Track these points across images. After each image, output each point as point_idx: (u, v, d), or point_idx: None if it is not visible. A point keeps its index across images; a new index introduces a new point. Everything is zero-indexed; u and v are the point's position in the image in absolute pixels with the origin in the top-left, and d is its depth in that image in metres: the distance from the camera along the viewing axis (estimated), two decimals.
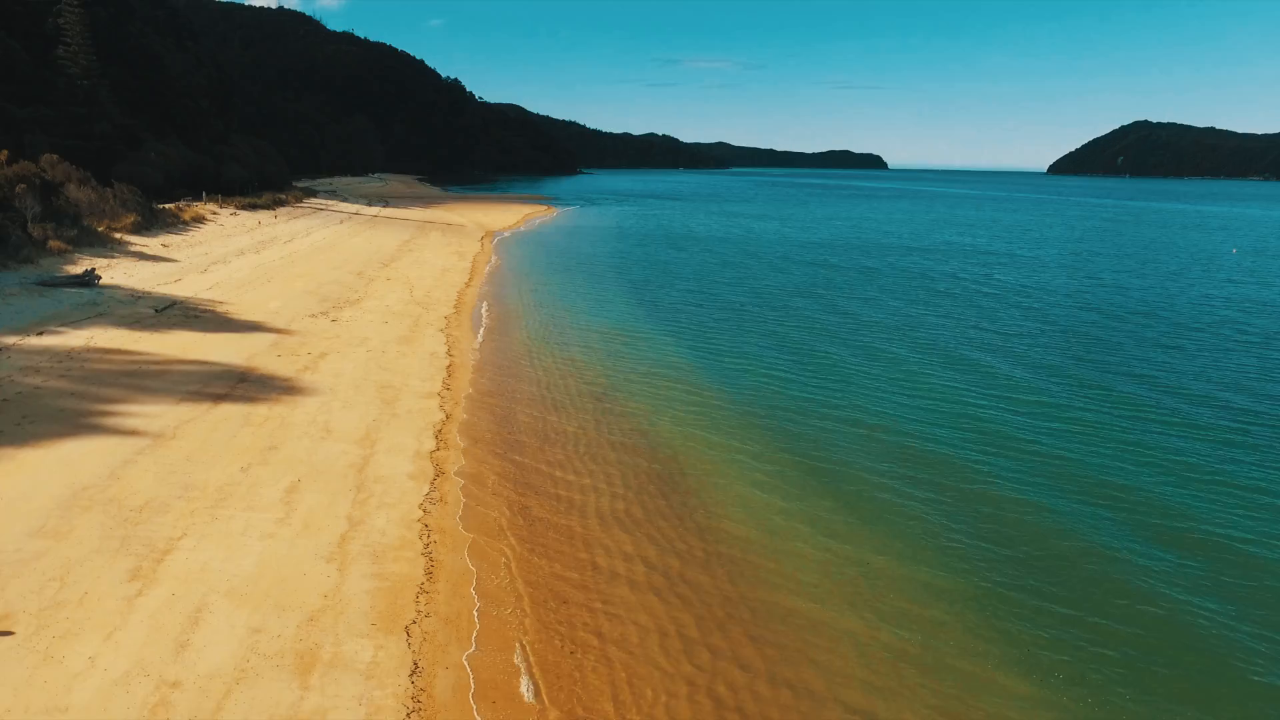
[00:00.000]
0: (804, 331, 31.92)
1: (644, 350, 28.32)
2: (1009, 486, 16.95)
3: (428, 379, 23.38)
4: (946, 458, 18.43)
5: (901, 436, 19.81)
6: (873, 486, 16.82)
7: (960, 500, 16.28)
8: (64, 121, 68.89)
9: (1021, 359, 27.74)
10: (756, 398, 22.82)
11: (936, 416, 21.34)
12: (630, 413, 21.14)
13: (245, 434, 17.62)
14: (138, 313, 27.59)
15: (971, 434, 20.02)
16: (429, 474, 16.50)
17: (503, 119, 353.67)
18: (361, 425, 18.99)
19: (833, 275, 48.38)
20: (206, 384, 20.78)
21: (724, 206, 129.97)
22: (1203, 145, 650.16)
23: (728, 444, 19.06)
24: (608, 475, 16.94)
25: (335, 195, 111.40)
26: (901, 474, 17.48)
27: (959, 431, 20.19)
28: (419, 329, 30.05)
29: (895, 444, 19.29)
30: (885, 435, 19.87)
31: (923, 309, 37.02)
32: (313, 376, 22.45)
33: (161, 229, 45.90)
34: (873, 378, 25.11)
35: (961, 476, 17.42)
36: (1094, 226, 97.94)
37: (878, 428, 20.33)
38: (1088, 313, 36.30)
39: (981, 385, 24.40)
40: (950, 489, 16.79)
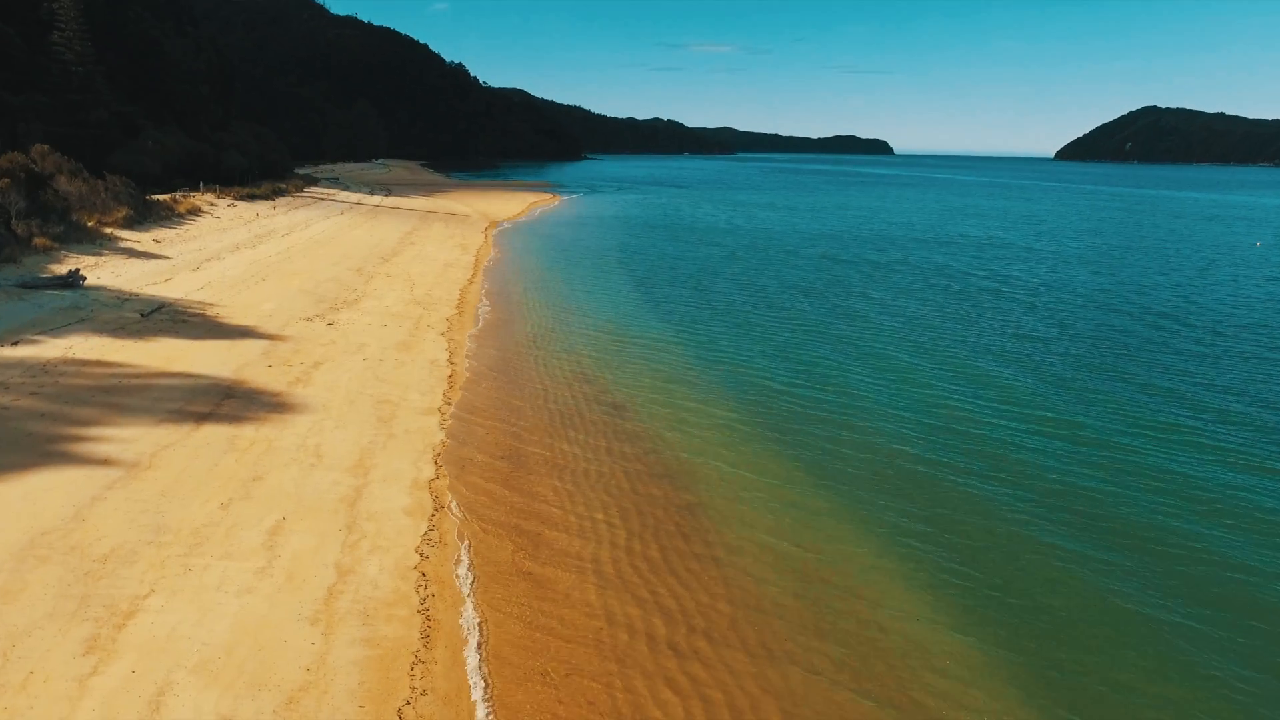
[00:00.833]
0: (822, 339, 30.43)
1: (655, 357, 26.85)
2: (1045, 528, 15.51)
3: (427, 391, 21.97)
4: (995, 497, 16.99)
5: (941, 469, 18.34)
6: (920, 536, 15.38)
7: (1007, 552, 14.84)
8: (60, 109, 67.39)
9: (1052, 374, 26.20)
10: (776, 416, 21.35)
11: (975, 444, 19.88)
12: (644, 434, 19.69)
13: (228, 461, 16.21)
14: (122, 317, 26.16)
15: (1015, 469, 18.57)
16: (427, 508, 15.10)
17: (507, 104, 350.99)
18: (355, 449, 17.58)
19: (847, 271, 46.82)
20: (190, 401, 19.37)
21: (731, 195, 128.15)
22: (1211, 131, 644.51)
23: (751, 475, 17.62)
24: (622, 511, 15.49)
25: (337, 183, 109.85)
26: (946, 515, 16.03)
27: (1005, 464, 18.74)
28: (419, 332, 28.63)
29: (936, 480, 17.84)
30: (927, 469, 18.40)
31: (946, 311, 35.49)
32: (305, 390, 21.04)
33: (155, 222, 44.45)
34: (902, 400, 23.57)
35: (1009, 521, 15.98)
36: (1110, 217, 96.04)
37: (917, 459, 18.86)
38: (1117, 316, 34.69)
39: (1017, 407, 22.91)
40: (1000, 535, 15.36)
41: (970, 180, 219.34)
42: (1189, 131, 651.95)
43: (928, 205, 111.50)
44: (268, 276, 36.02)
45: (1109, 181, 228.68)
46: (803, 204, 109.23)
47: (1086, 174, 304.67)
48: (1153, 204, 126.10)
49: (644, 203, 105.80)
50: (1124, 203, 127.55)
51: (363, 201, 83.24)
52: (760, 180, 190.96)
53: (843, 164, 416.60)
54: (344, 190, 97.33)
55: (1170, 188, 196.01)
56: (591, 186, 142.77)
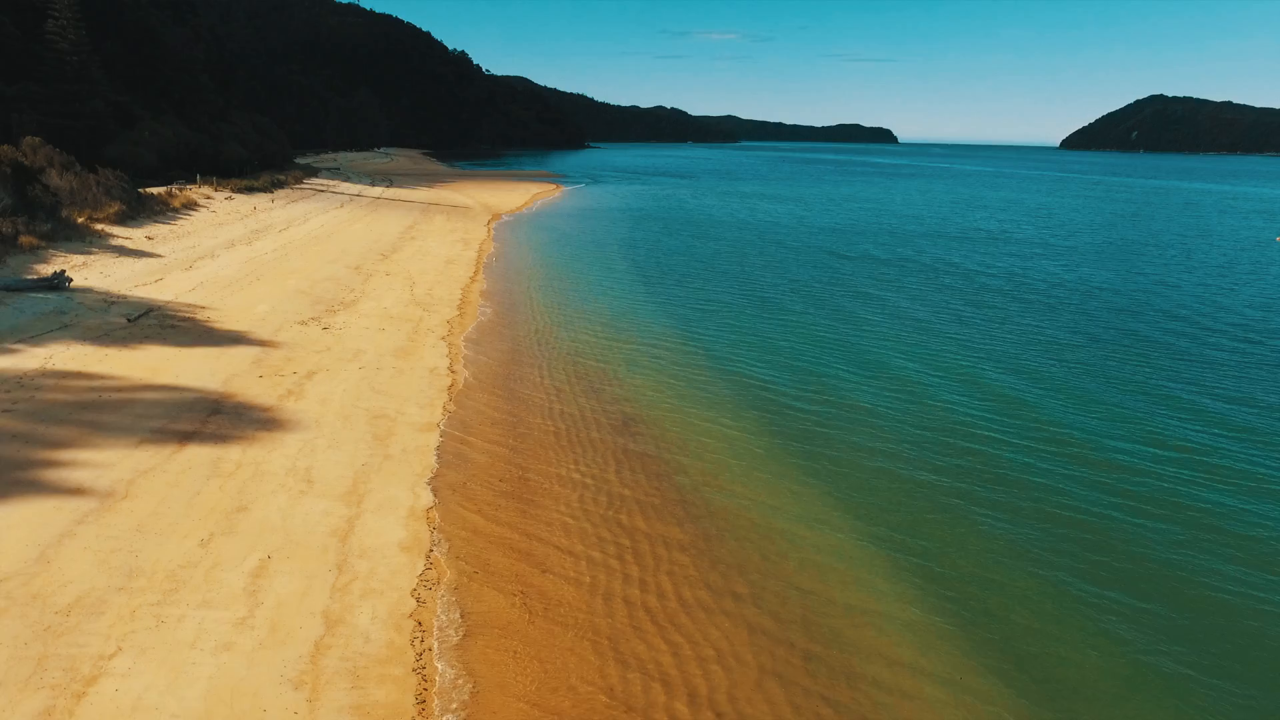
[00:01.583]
0: (836, 348, 29.20)
1: (663, 365, 25.69)
2: (1078, 567, 14.38)
3: (426, 404, 20.84)
4: (1035, 538, 15.84)
5: (977, 505, 17.19)
6: (954, 589, 14.23)
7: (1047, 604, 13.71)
8: (54, 99, 66.16)
9: (1079, 390, 24.96)
10: (792, 436, 20.19)
11: (1007, 474, 18.71)
12: (653, 455, 18.54)
13: (211, 489, 15.09)
14: (108, 323, 25.01)
15: (1052, 500, 17.42)
16: (424, 543, 13.98)
17: (510, 92, 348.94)
18: (348, 472, 16.46)
19: (858, 270, 45.56)
20: (174, 418, 18.24)
21: (736, 186, 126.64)
22: (1219, 120, 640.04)
23: (770, 504, 16.48)
24: (636, 550, 14.36)
25: (338, 173, 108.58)
26: (991, 568, 14.90)
27: (1039, 496, 17.60)
28: (419, 337, 27.48)
29: (972, 519, 16.69)
30: (961, 504, 17.24)
31: (963, 317, 34.27)
32: (296, 404, 19.90)
33: (148, 218, 43.24)
34: (926, 419, 22.37)
35: (1049, 565, 14.85)
36: (1122, 210, 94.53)
37: (951, 491, 17.70)
38: (1141, 322, 33.38)
39: (1042, 427, 21.71)
40: (1038, 581, 14.23)
41: (977, 170, 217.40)
42: (1197, 120, 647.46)
43: (936, 197, 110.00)
44: (263, 276, 34.86)
45: (1117, 172, 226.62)
46: (809, 196, 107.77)
47: (1093, 164, 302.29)
48: (1164, 196, 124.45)
49: (647, 194, 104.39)
50: (1135, 194, 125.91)
51: (363, 193, 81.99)
52: (765, 171, 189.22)
53: (847, 153, 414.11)
54: (345, 181, 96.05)
55: (1180, 178, 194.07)
56: (595, 177, 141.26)
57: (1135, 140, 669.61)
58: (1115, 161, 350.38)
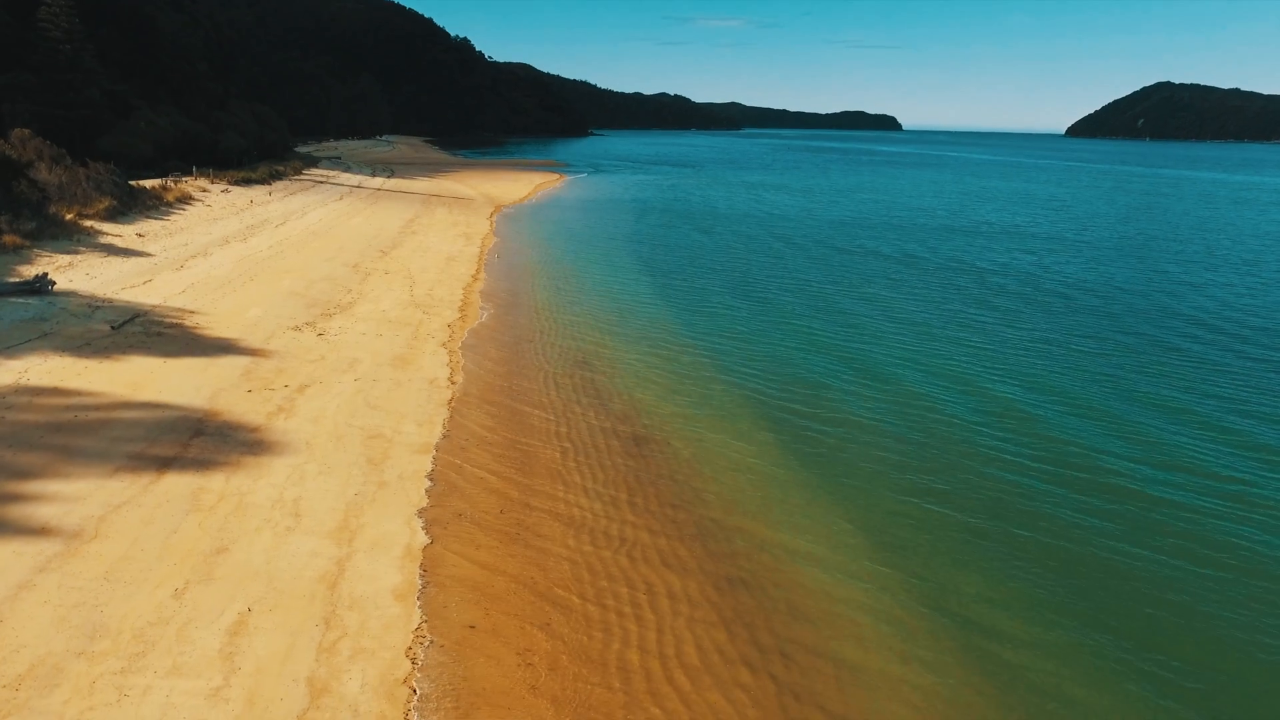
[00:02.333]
0: (853, 356, 27.98)
1: (675, 375, 24.44)
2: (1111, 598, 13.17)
3: (425, 421, 19.62)
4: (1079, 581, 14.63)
5: (1023, 548, 15.97)
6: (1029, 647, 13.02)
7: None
8: (48, 88, 64.78)
9: (1109, 404, 23.76)
10: (816, 457, 18.96)
11: (1052, 506, 17.51)
12: (669, 479, 17.30)
13: (189, 527, 13.88)
14: (90, 331, 23.78)
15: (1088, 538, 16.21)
16: (420, 590, 12.78)
17: (512, 79, 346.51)
18: (340, 503, 15.25)
19: (872, 268, 44.21)
20: (154, 440, 17.02)
21: (742, 176, 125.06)
22: (1226, 107, 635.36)
23: (799, 542, 15.26)
24: (650, 594, 13.13)
25: (339, 163, 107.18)
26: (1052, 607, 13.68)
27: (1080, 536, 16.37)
28: (418, 343, 26.25)
29: (1022, 568, 15.46)
30: (1004, 546, 16.02)
31: (988, 319, 32.97)
32: (286, 423, 18.68)
33: (140, 213, 41.94)
34: (959, 445, 21.17)
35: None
36: (1137, 202, 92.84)
37: (995, 530, 16.47)
38: (1169, 330, 31.90)
39: (1077, 452, 20.53)
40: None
41: (984, 159, 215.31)
42: (1204, 107, 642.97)
43: (945, 188, 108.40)
44: (256, 275, 33.59)
45: (1126, 160, 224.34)
46: (817, 187, 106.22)
47: (1101, 152, 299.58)
48: (1177, 186, 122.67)
49: (651, 184, 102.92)
50: (1147, 184, 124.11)
51: (364, 184, 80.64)
52: (770, 159, 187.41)
53: (852, 141, 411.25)
54: (345, 172, 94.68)
55: (1191, 167, 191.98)
56: (599, 166, 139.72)
57: (1141, 128, 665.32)
58: (1123, 150, 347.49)
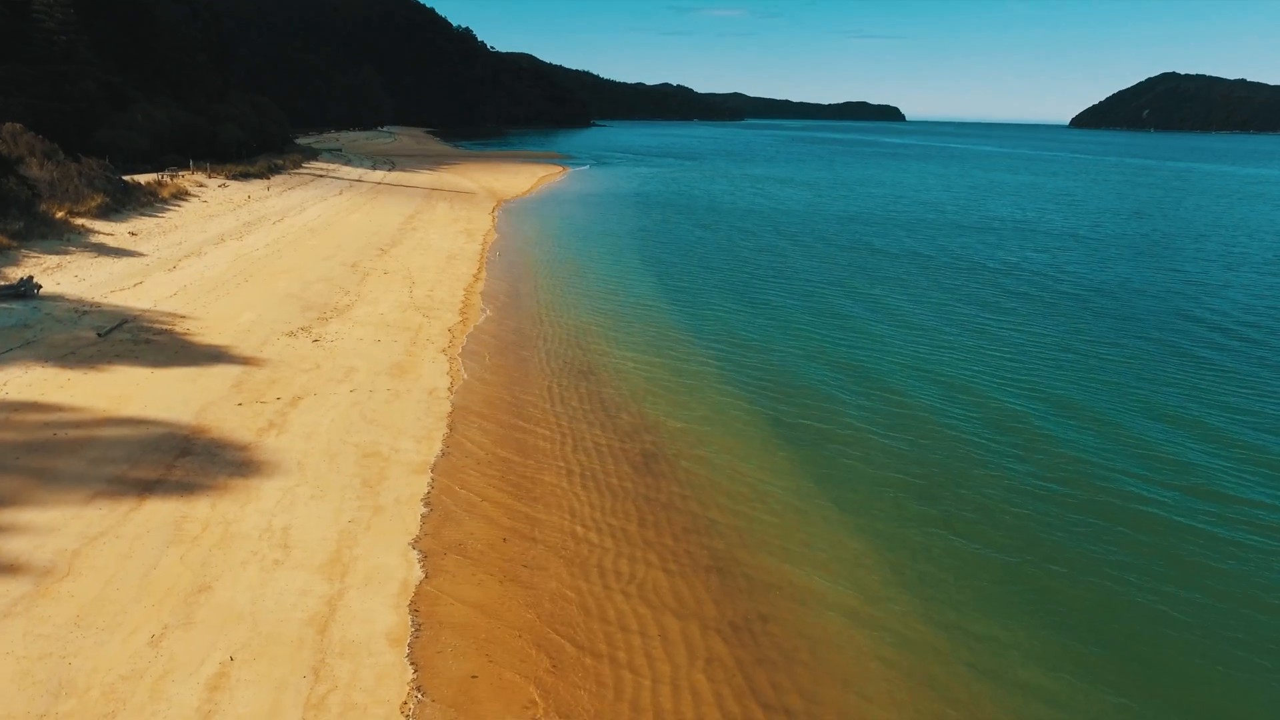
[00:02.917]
0: (867, 375, 26.94)
1: (685, 384, 23.49)
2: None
3: (423, 437, 18.68)
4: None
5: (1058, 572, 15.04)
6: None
7: None
8: (42, 80, 63.68)
9: (1136, 417, 22.78)
10: (836, 476, 18.01)
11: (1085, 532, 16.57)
12: (684, 506, 16.36)
13: (170, 561, 12.96)
14: (76, 338, 22.84)
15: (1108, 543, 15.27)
16: (416, 635, 11.86)
17: (515, 69, 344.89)
18: (332, 531, 14.33)
19: (883, 266, 43.17)
20: (137, 461, 16.10)
21: (746, 169, 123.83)
22: (1232, 98, 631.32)
23: (824, 580, 14.32)
24: (668, 652, 12.19)
25: (339, 155, 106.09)
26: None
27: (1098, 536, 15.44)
28: (417, 350, 25.29)
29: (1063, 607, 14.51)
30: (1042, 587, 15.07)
31: (1002, 320, 32.00)
32: (277, 440, 17.75)
33: (134, 210, 40.96)
34: (989, 461, 20.21)
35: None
36: (1148, 196, 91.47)
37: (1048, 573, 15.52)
38: (1195, 331, 30.97)
39: (1103, 466, 19.59)
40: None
41: (990, 151, 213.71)
42: (1209, 98, 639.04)
43: (953, 181, 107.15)
44: (252, 276, 32.62)
45: (1133, 152, 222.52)
46: (823, 179, 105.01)
47: (1107, 144, 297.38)
48: (1187, 179, 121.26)
49: (656, 178, 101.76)
50: (1157, 178, 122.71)
51: (364, 178, 79.58)
52: (775, 151, 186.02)
53: (855, 132, 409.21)
54: (345, 165, 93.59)
55: (1199, 160, 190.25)
56: (602, 158, 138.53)
57: (1147, 119, 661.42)
58: (1129, 141, 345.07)
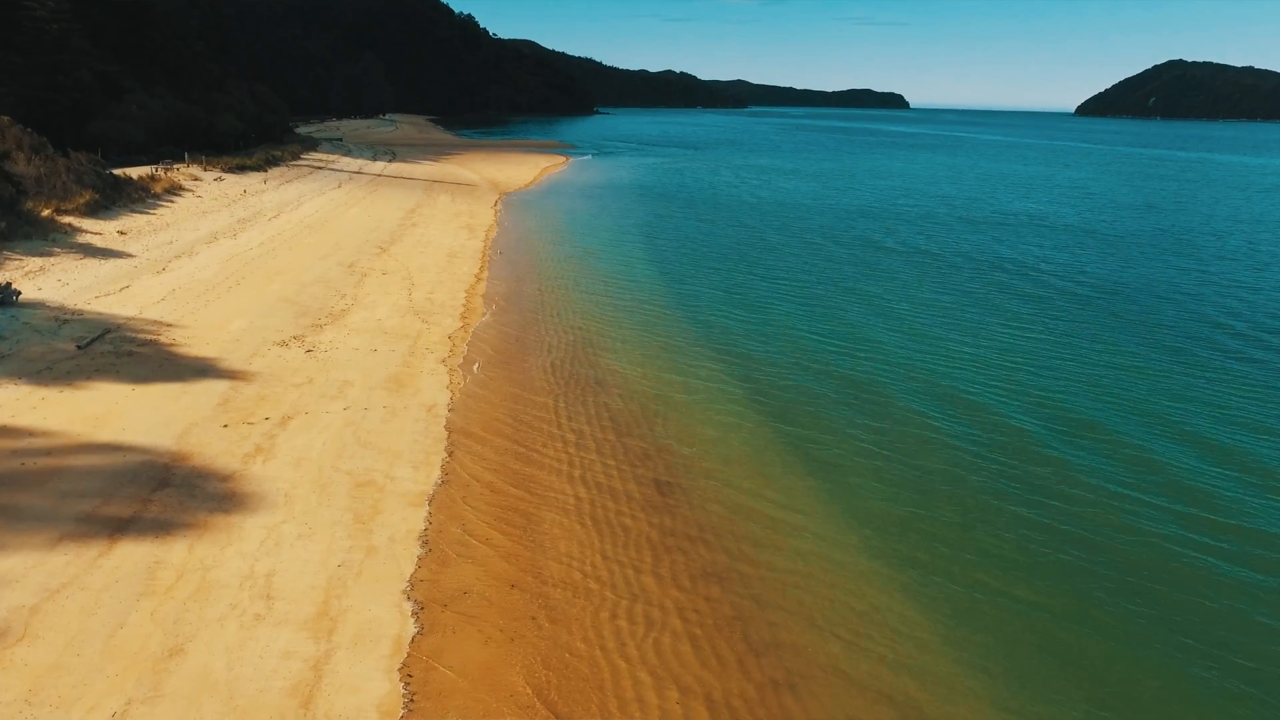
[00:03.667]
0: (886, 391, 25.63)
1: (697, 398, 22.24)
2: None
3: (421, 462, 17.45)
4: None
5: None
6: None
7: None
8: (35, 70, 62.26)
9: (1176, 449, 21.49)
10: (867, 518, 16.78)
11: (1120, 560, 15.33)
12: (702, 542, 15.11)
13: (140, 619, 11.74)
14: (54, 351, 21.60)
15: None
16: (411, 706, 10.65)
17: (517, 56, 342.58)
18: (320, 578, 13.11)
19: (895, 266, 41.78)
20: (110, 495, 14.88)
21: (751, 159, 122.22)
22: (1240, 86, 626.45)
23: (852, 633, 13.09)
24: (683, 694, 10.97)
25: (340, 145, 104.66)
26: None
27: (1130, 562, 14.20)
28: (416, 360, 24.05)
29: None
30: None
31: (1024, 331, 30.63)
32: (264, 468, 16.52)
33: (125, 206, 39.66)
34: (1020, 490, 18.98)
35: None
36: (1162, 189, 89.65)
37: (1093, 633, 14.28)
38: (1227, 342, 29.57)
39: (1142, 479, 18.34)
40: None
41: (997, 140, 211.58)
42: (1216, 86, 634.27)
43: (961, 172, 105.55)
44: (244, 279, 31.35)
45: (1141, 142, 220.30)
46: (828, 170, 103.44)
47: (1114, 133, 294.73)
48: (1200, 170, 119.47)
49: (660, 168, 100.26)
50: (1169, 169, 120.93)
51: (364, 170, 78.19)
52: (779, 140, 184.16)
53: (860, 120, 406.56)
54: (345, 155, 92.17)
55: (1209, 149, 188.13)
56: (605, 148, 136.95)
57: (1152, 107, 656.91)
58: (1137, 130, 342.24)
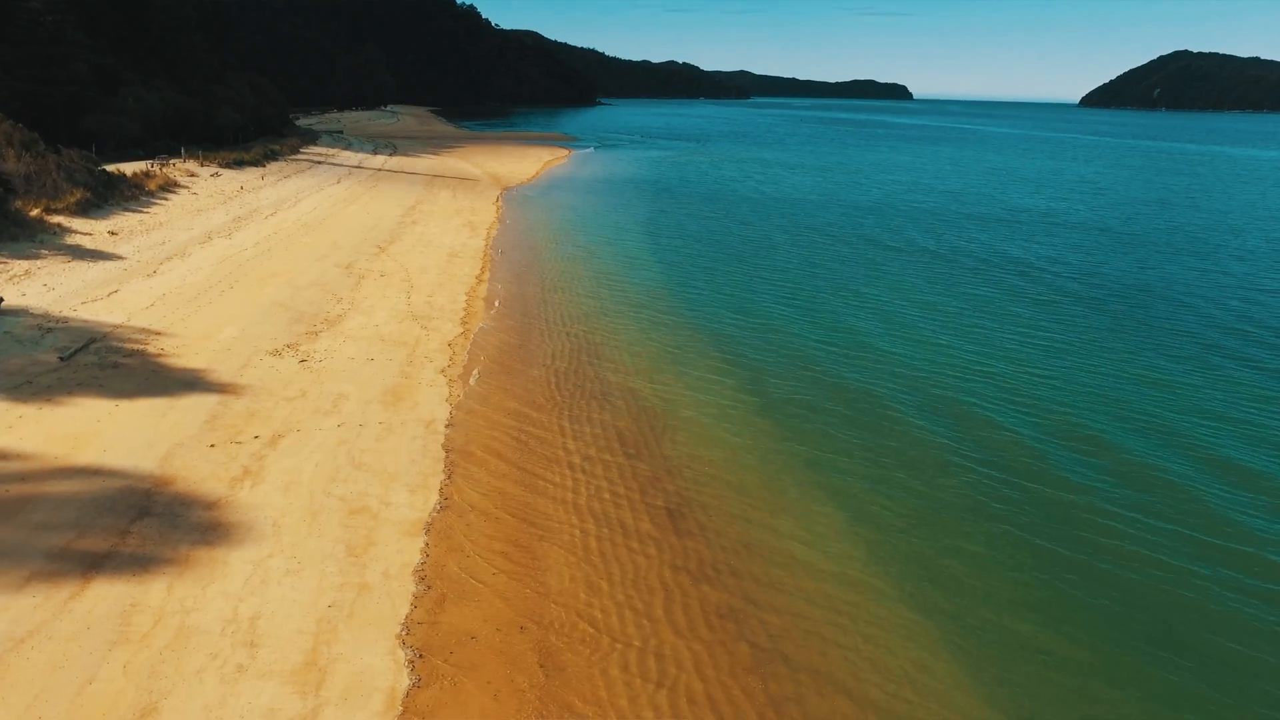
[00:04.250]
0: (914, 398, 24.69)
1: (709, 412, 21.29)
2: None
3: (418, 486, 16.54)
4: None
5: None
6: None
7: None
8: (28, 63, 61.21)
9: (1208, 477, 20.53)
10: (888, 553, 15.84)
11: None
12: (718, 580, 14.18)
13: (112, 671, 10.82)
14: (35, 363, 20.66)
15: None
16: None
17: (519, 47, 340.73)
18: (309, 621, 12.19)
19: (905, 268, 40.70)
20: (86, 527, 13.96)
21: (755, 152, 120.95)
22: (1245, 77, 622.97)
23: (880, 691, 12.16)
24: None
25: (340, 138, 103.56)
26: None
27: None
28: (414, 370, 23.11)
29: None
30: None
31: (1040, 339, 29.68)
32: (251, 494, 15.60)
33: (117, 204, 38.67)
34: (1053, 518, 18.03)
35: None
36: (1174, 183, 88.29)
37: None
38: (1258, 353, 28.70)
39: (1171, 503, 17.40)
40: None
41: (1003, 133, 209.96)
42: (1222, 77, 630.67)
43: (968, 166, 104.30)
44: (238, 282, 30.39)
45: (1149, 134, 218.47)
46: (834, 165, 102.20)
47: (1120, 125, 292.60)
48: (1211, 164, 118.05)
49: (664, 162, 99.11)
50: (1179, 162, 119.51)
51: (364, 164, 77.12)
52: (784, 133, 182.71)
53: (863, 111, 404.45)
54: (345, 149, 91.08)
55: (1217, 141, 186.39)
56: (609, 140, 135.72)
57: (1158, 98, 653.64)
58: (1143, 122, 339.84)
